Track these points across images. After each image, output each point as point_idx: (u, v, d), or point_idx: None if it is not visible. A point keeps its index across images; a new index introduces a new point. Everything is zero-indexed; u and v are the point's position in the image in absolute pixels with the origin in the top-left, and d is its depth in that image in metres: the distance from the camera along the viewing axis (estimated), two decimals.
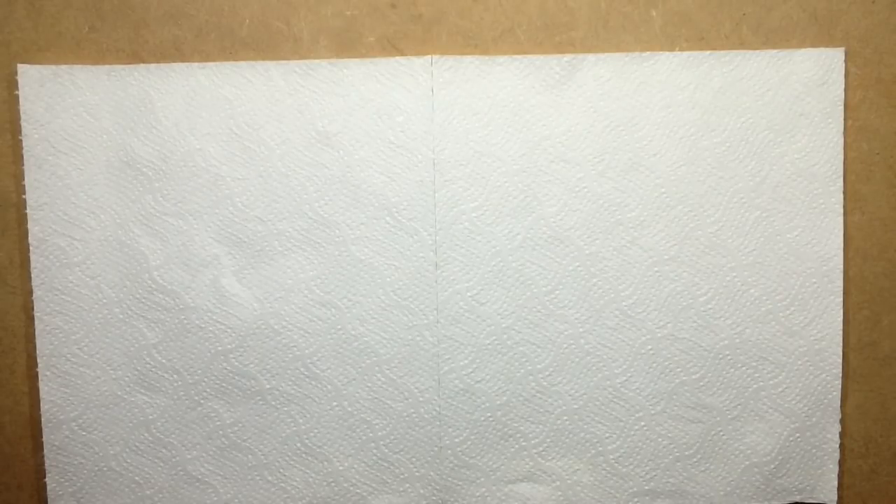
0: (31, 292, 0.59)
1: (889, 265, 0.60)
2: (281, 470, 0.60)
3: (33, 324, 0.59)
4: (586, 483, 0.60)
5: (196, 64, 0.58)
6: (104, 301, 0.59)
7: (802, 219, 0.58)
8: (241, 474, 0.60)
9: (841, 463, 0.61)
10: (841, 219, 0.59)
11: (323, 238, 0.58)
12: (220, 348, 0.58)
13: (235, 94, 0.58)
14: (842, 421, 0.61)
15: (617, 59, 0.58)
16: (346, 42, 0.58)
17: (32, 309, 0.59)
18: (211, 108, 0.58)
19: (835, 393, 0.60)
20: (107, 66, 0.58)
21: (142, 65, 0.58)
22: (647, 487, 0.60)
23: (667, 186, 0.58)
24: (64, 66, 0.58)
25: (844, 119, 0.59)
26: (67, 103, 0.58)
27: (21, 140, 0.58)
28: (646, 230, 0.58)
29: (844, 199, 0.59)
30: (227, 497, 0.60)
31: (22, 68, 0.58)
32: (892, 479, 0.62)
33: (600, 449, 0.59)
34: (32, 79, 0.58)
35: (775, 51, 0.58)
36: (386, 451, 0.60)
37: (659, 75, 0.58)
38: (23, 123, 0.58)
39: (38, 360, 0.59)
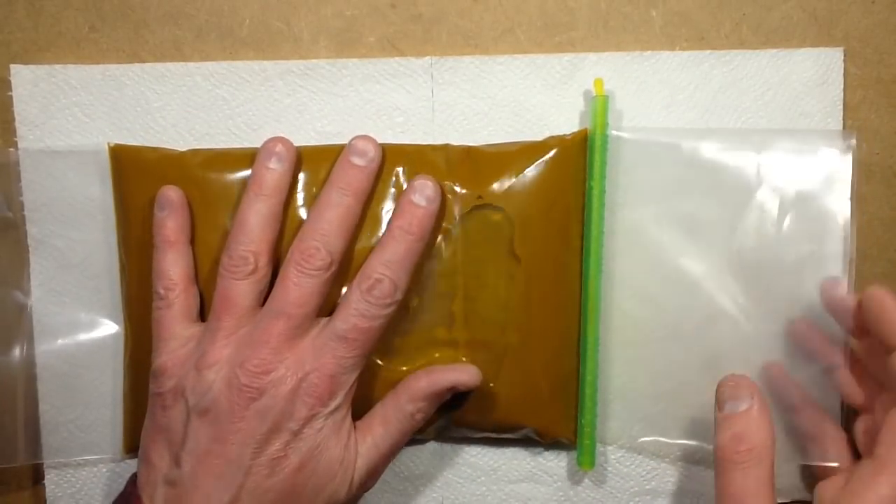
0: (27, 293, 0.59)
1: (889, 265, 0.60)
2: None
3: (29, 324, 0.59)
4: (587, 482, 0.60)
5: (192, 64, 0.58)
6: (103, 303, 0.58)
7: (801, 216, 0.58)
8: None
9: None
10: (846, 218, 0.59)
11: None
12: None
13: (233, 93, 0.58)
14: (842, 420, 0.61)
15: (617, 58, 0.58)
16: (346, 42, 0.58)
17: (29, 309, 0.59)
18: (209, 108, 0.58)
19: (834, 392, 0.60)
20: (101, 66, 0.58)
21: (136, 64, 0.58)
22: (648, 487, 0.60)
23: (667, 186, 0.58)
24: (58, 66, 0.58)
25: (844, 119, 0.59)
26: (62, 103, 0.58)
27: (16, 141, 0.58)
28: (646, 230, 0.58)
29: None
30: None
31: (15, 69, 0.58)
32: None
33: (601, 449, 0.59)
34: (26, 79, 0.58)
35: (775, 50, 0.58)
36: None
37: (659, 75, 0.58)
38: (17, 125, 0.58)
39: (37, 361, 0.59)
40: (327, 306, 0.52)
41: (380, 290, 0.49)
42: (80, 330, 0.59)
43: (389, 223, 0.52)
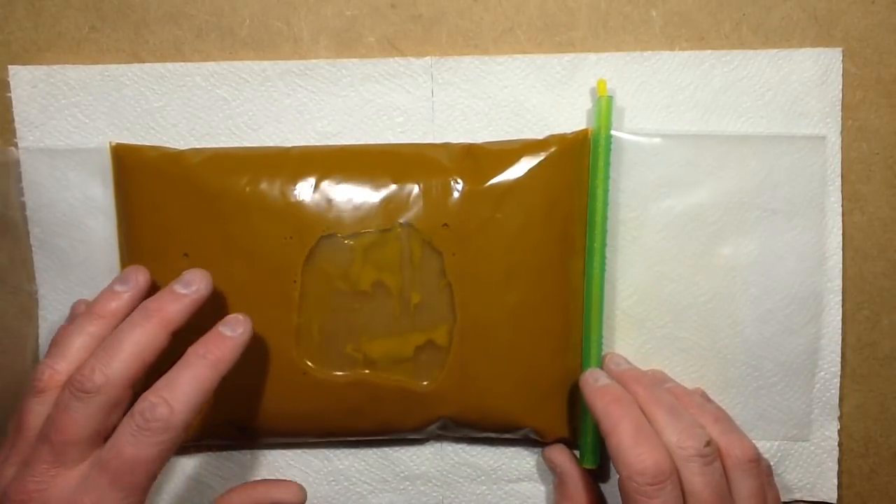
0: (31, 293, 0.59)
1: (889, 265, 0.60)
2: (280, 470, 0.60)
3: (33, 323, 0.59)
4: None
5: (192, 64, 0.58)
6: None
7: (802, 218, 0.58)
8: (241, 475, 0.60)
9: (841, 462, 0.62)
10: (840, 218, 0.59)
11: None
12: None
13: (233, 94, 0.58)
14: (840, 419, 0.61)
15: (618, 58, 0.58)
16: (346, 42, 0.58)
17: (33, 309, 0.59)
18: (209, 108, 0.58)
19: (833, 391, 0.60)
20: (100, 66, 0.58)
21: (136, 64, 0.58)
22: None
23: (667, 186, 0.58)
24: (56, 67, 0.58)
25: (843, 119, 0.59)
26: (61, 104, 0.58)
27: (16, 142, 0.58)
28: (646, 229, 0.58)
29: (843, 199, 0.59)
30: None
31: (13, 69, 0.58)
32: (892, 479, 0.62)
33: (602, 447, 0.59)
34: (24, 80, 0.58)
35: (775, 50, 0.58)
36: (386, 449, 0.60)
37: (659, 75, 0.58)
38: (17, 125, 0.58)
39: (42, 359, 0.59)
40: None
41: (151, 413, 0.44)
42: None
43: (188, 350, 0.48)
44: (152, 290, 0.52)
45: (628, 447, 0.48)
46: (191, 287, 0.50)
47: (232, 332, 0.49)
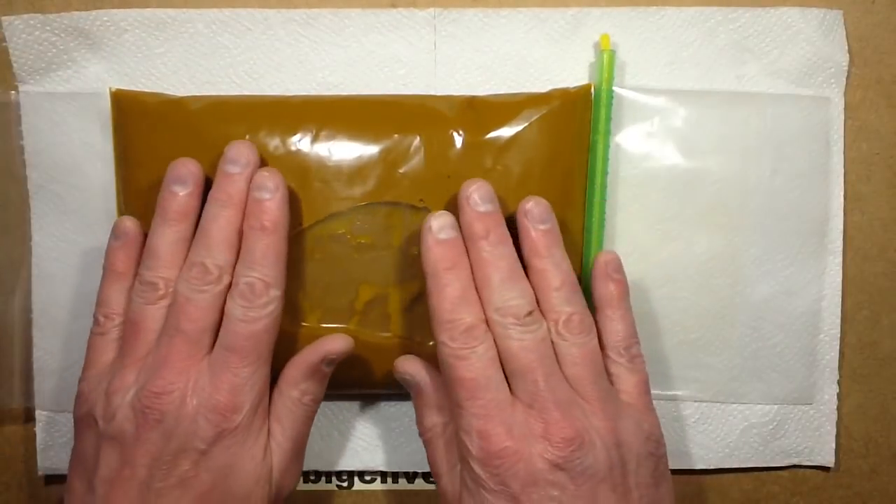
0: (30, 237, 0.58)
1: (889, 265, 0.60)
2: None
3: (25, 269, 0.59)
4: None
5: (194, 10, 0.58)
6: (100, 250, 0.57)
7: (804, 179, 0.58)
8: None
9: (840, 460, 0.61)
10: (842, 179, 0.59)
11: None
12: None
13: (235, 41, 0.58)
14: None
15: (622, 13, 0.58)
16: None
17: (26, 255, 0.58)
18: (210, 55, 0.58)
19: (833, 354, 0.60)
20: (98, 11, 0.57)
21: (136, 10, 0.57)
22: None
23: (669, 144, 0.57)
24: (52, 15, 0.57)
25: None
26: (59, 49, 0.58)
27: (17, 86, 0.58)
28: (647, 187, 0.58)
29: (844, 199, 0.59)
30: None
31: (6, 20, 0.57)
32: (892, 478, 0.62)
33: None
34: (19, 30, 0.57)
35: (784, 8, 0.58)
36: (382, 404, 0.60)
37: (664, 31, 0.58)
38: (17, 72, 0.58)
39: (33, 307, 0.58)
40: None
41: (252, 292, 0.49)
42: (77, 277, 0.58)
43: (245, 225, 0.51)
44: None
45: (446, 311, 0.49)
46: (240, 163, 0.52)
47: (268, 194, 0.51)
